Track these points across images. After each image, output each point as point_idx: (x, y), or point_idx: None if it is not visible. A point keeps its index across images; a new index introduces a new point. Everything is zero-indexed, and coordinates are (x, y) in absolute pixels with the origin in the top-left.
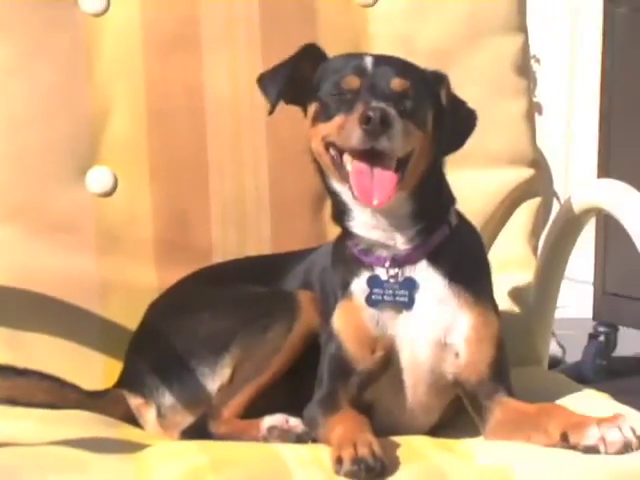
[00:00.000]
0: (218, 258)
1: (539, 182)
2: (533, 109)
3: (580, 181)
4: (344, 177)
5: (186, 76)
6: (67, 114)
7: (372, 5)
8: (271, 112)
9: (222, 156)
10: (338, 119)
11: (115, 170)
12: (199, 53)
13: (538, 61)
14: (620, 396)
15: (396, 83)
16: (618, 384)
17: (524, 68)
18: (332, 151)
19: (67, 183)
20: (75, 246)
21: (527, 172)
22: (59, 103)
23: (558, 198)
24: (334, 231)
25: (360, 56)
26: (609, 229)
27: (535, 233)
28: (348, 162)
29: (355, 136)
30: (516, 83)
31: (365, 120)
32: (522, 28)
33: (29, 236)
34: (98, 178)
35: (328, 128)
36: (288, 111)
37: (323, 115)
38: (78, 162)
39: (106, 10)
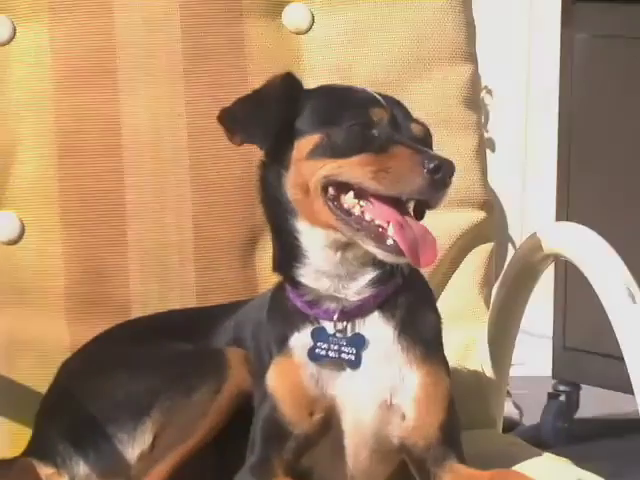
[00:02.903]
0: (138, 312)
1: (491, 226)
2: (484, 145)
3: (537, 225)
4: (346, 221)
5: (100, 109)
6: None
7: (305, 32)
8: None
9: (141, 199)
10: (363, 158)
11: (21, 215)
12: (115, 84)
13: (490, 92)
14: (583, 462)
15: (417, 128)
16: (580, 449)
17: (474, 100)
18: (331, 190)
19: None
20: None
21: (478, 215)
22: None
23: (513, 243)
24: (266, 281)
25: (363, 89)
26: (570, 277)
27: (487, 282)
28: (356, 206)
29: (417, 184)
30: (465, 117)
31: (435, 169)
32: (471, 57)
33: None
34: (3, 224)
35: (345, 165)
36: (214, 150)
37: (331, 150)
38: None
39: (12, 38)
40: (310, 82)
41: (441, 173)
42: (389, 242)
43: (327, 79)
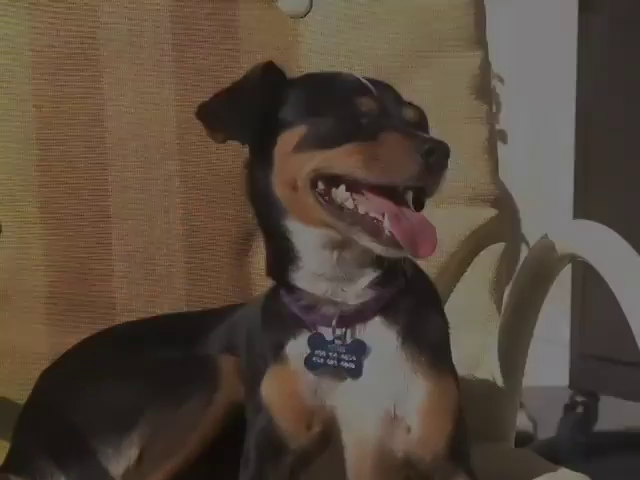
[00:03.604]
0: (123, 317)
1: (503, 224)
2: (495, 138)
3: (553, 223)
4: (340, 217)
5: (83, 102)
6: None
7: (303, 16)
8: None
9: (127, 197)
10: (351, 147)
11: None
12: (99, 74)
13: (502, 81)
14: (601, 478)
15: (410, 113)
16: (599, 464)
17: (484, 89)
18: (321, 185)
19: None
20: None
21: (488, 212)
22: None
23: (527, 243)
24: (261, 284)
25: (350, 75)
26: (588, 279)
27: (499, 284)
28: (349, 200)
29: (411, 170)
30: (474, 107)
31: (428, 152)
32: (481, 43)
33: None
34: None
35: (333, 156)
36: (205, 142)
37: (318, 142)
38: None
39: None
40: (308, 70)
41: (435, 156)
42: (386, 234)
43: (326, 67)
